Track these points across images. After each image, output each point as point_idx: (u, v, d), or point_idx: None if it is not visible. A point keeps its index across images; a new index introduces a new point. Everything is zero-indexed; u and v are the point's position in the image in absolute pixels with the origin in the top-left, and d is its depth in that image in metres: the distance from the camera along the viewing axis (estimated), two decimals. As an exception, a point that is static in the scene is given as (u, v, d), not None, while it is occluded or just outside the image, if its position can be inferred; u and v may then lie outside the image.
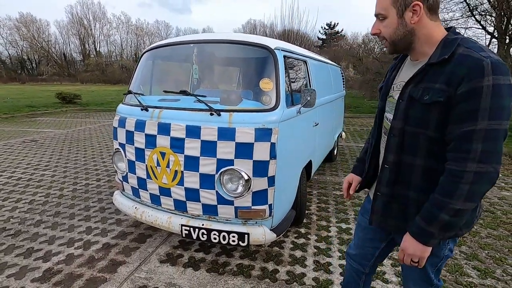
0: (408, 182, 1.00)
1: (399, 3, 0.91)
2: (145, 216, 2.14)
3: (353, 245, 1.34)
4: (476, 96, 0.81)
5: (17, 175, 4.03)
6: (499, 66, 0.81)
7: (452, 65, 0.86)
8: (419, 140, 0.95)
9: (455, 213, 0.87)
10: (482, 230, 2.67)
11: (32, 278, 1.98)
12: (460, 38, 0.90)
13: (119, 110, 2.34)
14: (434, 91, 0.88)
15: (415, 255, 0.95)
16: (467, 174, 0.83)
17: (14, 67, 46.61)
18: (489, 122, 0.81)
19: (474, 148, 0.83)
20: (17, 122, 9.11)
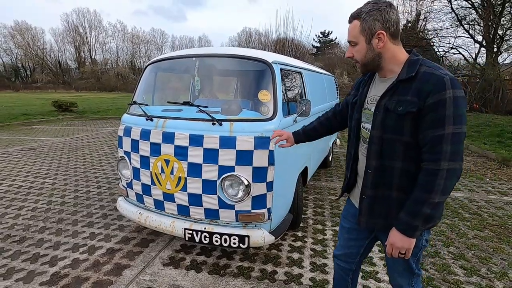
0: (390, 183, 1.13)
1: (366, 32, 1.09)
2: (149, 221, 2.24)
3: (339, 246, 1.47)
4: (442, 106, 0.98)
5: (18, 183, 4.09)
6: (455, 81, 1.00)
7: (418, 81, 1.04)
8: (396, 146, 1.10)
9: (434, 206, 1.02)
10: (470, 231, 2.81)
11: (40, 282, 2.05)
12: (421, 59, 1.09)
13: (124, 120, 2.46)
14: (407, 103, 1.04)
15: (403, 248, 1.09)
16: (441, 171, 0.99)
17: (8, 74, 46.34)
18: (454, 127, 0.98)
19: (444, 149, 0.99)
20: (13, 130, 9.12)
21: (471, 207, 3.39)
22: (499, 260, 2.35)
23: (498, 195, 3.81)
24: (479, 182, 4.32)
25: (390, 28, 1.08)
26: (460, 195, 3.79)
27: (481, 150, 6.11)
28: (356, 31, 1.11)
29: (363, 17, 1.09)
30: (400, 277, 1.28)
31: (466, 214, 3.21)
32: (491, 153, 5.79)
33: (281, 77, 2.25)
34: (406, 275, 1.27)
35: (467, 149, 6.52)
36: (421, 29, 16.97)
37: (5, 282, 2.04)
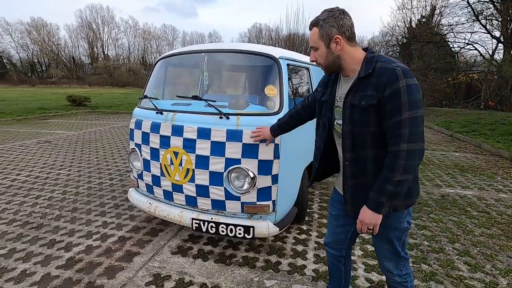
0: (366, 172, 1.24)
1: (325, 38, 1.21)
2: (159, 210, 2.33)
3: (328, 234, 1.57)
4: (397, 95, 1.10)
5: (35, 174, 4.27)
6: (407, 71, 1.11)
7: (375, 77, 1.15)
8: (366, 137, 1.21)
9: (396, 183, 1.13)
10: (476, 229, 2.80)
11: (57, 265, 2.17)
12: (376, 55, 1.19)
13: (135, 113, 2.54)
14: (368, 97, 1.16)
15: (371, 223, 1.21)
16: (402, 152, 1.11)
17: (24, 70, 47.70)
18: (409, 112, 1.09)
19: (403, 132, 1.10)
20: (30, 123, 9.44)
21: (480, 205, 3.35)
22: (505, 258, 2.34)
23: (509, 193, 3.75)
24: (490, 180, 4.25)
25: (345, 32, 1.20)
26: (469, 193, 3.75)
27: (494, 149, 5.98)
28: (316, 37, 1.23)
29: (321, 24, 1.20)
30: (388, 262, 1.37)
31: (474, 212, 3.18)
32: (504, 152, 5.67)
33: (288, 72, 2.28)
34: (393, 259, 1.35)
35: (479, 147, 6.40)
36: (435, 24, 16.56)
37: (24, 265, 2.17)
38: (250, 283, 2.01)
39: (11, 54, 46.55)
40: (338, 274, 1.61)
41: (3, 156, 5.28)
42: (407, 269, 1.39)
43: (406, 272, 1.39)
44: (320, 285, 2.00)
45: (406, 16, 18.32)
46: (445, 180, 4.22)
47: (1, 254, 2.29)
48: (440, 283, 2.03)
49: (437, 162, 5.19)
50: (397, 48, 20.55)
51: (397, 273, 1.38)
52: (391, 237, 1.31)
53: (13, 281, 2.00)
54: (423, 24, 17.17)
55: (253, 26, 48.99)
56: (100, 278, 2.04)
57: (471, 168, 4.84)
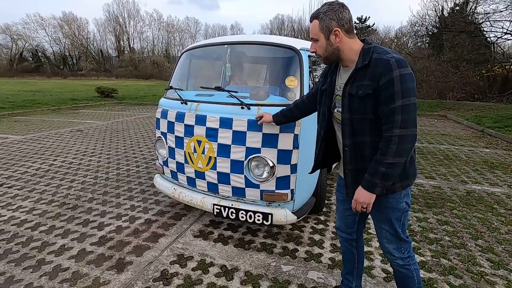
0: (364, 156, 1.31)
1: (325, 30, 1.27)
2: (182, 196, 2.47)
3: (338, 218, 1.64)
4: (391, 84, 1.16)
5: (69, 160, 4.60)
6: (401, 61, 1.17)
7: (371, 67, 1.21)
8: (364, 124, 1.28)
9: (388, 165, 1.20)
10: (503, 227, 2.71)
11: (91, 242, 2.38)
12: (373, 46, 1.25)
13: (161, 103, 2.67)
14: (364, 87, 1.22)
15: (364, 202, 1.29)
16: (394, 137, 1.18)
17: (57, 63, 50.35)
18: (402, 100, 1.16)
19: (396, 119, 1.17)
20: (63, 113, 10.05)
21: (508, 203, 3.22)
22: (532, 257, 2.26)
23: (542, 192, 3.56)
24: (522, 178, 4.04)
25: (344, 25, 1.26)
26: (498, 190, 3.60)
27: (529, 145, 5.63)
28: (316, 29, 1.29)
29: (321, 17, 1.26)
30: (389, 244, 1.42)
31: (502, 209, 3.06)
32: (540, 149, 5.32)
33: (309, 64, 2.30)
34: (394, 241, 1.40)
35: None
36: (470, 12, 15.53)
37: (63, 240, 2.39)
38: (268, 267, 2.10)
39: (45, 47, 49.30)
40: (351, 257, 1.66)
41: (41, 143, 5.71)
42: (409, 252, 1.43)
43: (408, 255, 1.43)
44: (335, 273, 2.05)
45: (438, 4, 17.30)
46: (471, 177, 4.06)
47: (43, 230, 2.54)
48: (460, 277, 2.01)
49: (465, 158, 4.99)
50: (427, 39, 19.53)
51: (398, 255, 1.42)
52: (391, 217, 1.36)
53: (54, 254, 2.22)
54: (456, 13, 16.14)
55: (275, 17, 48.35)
56: (129, 255, 2.21)
57: (502, 165, 4.61)
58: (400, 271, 1.46)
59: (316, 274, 2.04)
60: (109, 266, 2.09)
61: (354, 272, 1.70)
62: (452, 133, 7.29)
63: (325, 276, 2.02)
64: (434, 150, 5.55)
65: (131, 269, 2.05)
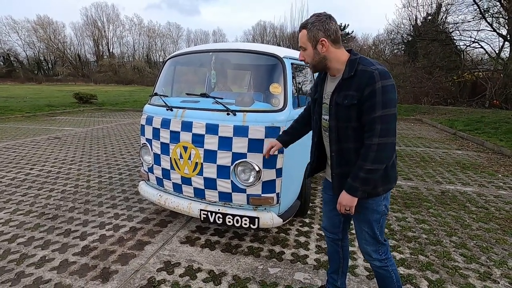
0: (349, 161, 1.39)
1: (312, 40, 1.33)
2: (168, 202, 2.46)
3: (324, 218, 1.73)
4: (374, 95, 1.23)
5: (47, 168, 4.43)
6: (383, 73, 1.24)
7: (357, 78, 1.28)
8: (348, 131, 1.35)
9: (367, 171, 1.28)
10: (474, 223, 2.89)
11: (73, 252, 2.31)
12: (359, 57, 1.32)
13: (146, 110, 2.67)
14: (350, 96, 1.29)
15: (347, 205, 1.36)
16: (373, 145, 1.25)
17: (31, 67, 48.26)
18: (383, 110, 1.23)
19: (376, 128, 1.24)
20: (38, 120, 9.65)
21: (479, 201, 3.43)
22: (501, 250, 2.43)
23: (509, 190, 3.82)
24: (491, 177, 4.31)
25: (330, 36, 1.32)
26: (469, 189, 3.82)
27: (496, 147, 6.02)
28: (304, 38, 1.35)
29: (309, 27, 1.32)
30: (367, 245, 1.50)
31: (473, 207, 3.26)
32: (506, 150, 5.71)
33: (292, 71, 2.39)
34: (372, 243, 1.48)
35: (482, 146, 6.44)
36: (441, 22, 16.45)
37: (43, 252, 2.31)
38: (255, 270, 2.13)
39: (17, 52, 47.19)
40: (337, 256, 1.74)
41: (16, 151, 5.47)
42: (387, 254, 1.51)
43: (385, 256, 1.50)
44: (321, 273, 2.11)
45: (412, 13, 18.27)
46: (446, 177, 4.30)
47: (21, 242, 2.44)
48: (436, 272, 2.13)
49: (439, 160, 5.26)
50: (402, 46, 20.45)
51: (376, 257, 1.49)
52: (370, 219, 1.44)
53: (34, 266, 2.14)
54: (428, 22, 17.07)
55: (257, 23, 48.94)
56: (114, 264, 2.17)
57: (473, 166, 4.90)
58: (378, 272, 1.55)
59: (302, 275, 2.09)
60: (93, 276, 2.04)
61: (339, 271, 1.78)
62: (428, 136, 7.66)
63: (311, 276, 2.08)
64: (411, 152, 5.81)
65: (116, 278, 2.02)
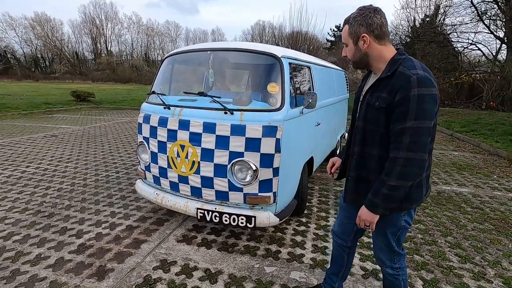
0: (369, 167, 1.31)
1: (353, 36, 1.26)
2: (165, 201, 2.46)
3: (337, 224, 1.66)
4: (406, 102, 1.11)
5: (44, 166, 4.41)
6: (423, 81, 1.11)
7: (393, 80, 1.18)
8: (375, 135, 1.27)
9: (391, 188, 1.17)
10: (469, 224, 2.91)
11: (69, 250, 2.31)
12: (403, 58, 1.21)
13: (143, 108, 2.66)
14: (381, 99, 1.20)
15: (367, 220, 1.27)
16: (399, 159, 1.14)
17: (28, 65, 47.90)
18: (415, 121, 1.11)
19: (404, 140, 1.13)
20: (35, 118, 9.59)
21: (474, 202, 3.46)
22: (495, 250, 2.45)
23: (504, 191, 3.85)
24: (486, 178, 4.35)
25: (374, 31, 1.22)
26: (465, 190, 3.85)
27: (492, 148, 6.06)
28: (346, 34, 1.29)
29: (351, 22, 1.25)
30: (381, 253, 1.45)
31: (468, 208, 3.29)
32: (502, 151, 5.75)
33: (290, 71, 2.39)
34: (387, 252, 1.42)
35: (478, 147, 6.48)
36: (439, 24, 16.53)
37: (39, 249, 2.31)
38: (251, 269, 2.14)
39: (15, 49, 46.79)
40: (341, 261, 1.69)
41: (12, 149, 5.43)
42: (401, 263, 1.45)
43: (399, 266, 1.44)
44: (317, 272, 2.12)
45: (410, 15, 18.30)
46: (442, 178, 4.32)
47: (17, 240, 2.43)
48: (431, 272, 2.15)
49: (436, 161, 5.29)
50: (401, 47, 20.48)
51: (389, 265, 1.44)
52: (387, 232, 1.36)
53: (29, 263, 2.14)
54: (426, 24, 17.15)
55: (256, 23, 48.90)
56: (110, 262, 2.17)
57: (469, 167, 4.94)
58: (389, 279, 1.49)
59: (298, 274, 2.10)
60: (89, 274, 2.04)
61: (340, 274, 1.73)
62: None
63: (307, 275, 2.08)
64: (408, 153, 5.83)
65: (112, 276, 2.02)
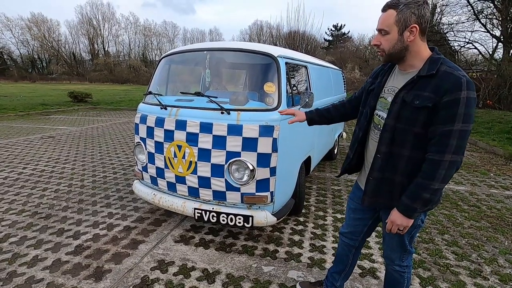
0: (396, 168, 1.24)
1: (401, 24, 1.14)
2: (163, 201, 2.45)
3: (346, 225, 1.63)
4: (455, 105, 1.08)
5: (41, 168, 4.39)
6: (470, 83, 1.09)
7: (438, 79, 1.12)
8: (407, 136, 1.19)
9: (433, 191, 1.14)
10: (466, 222, 2.92)
11: (66, 251, 2.30)
12: (442, 58, 1.17)
13: (140, 109, 2.66)
14: (424, 97, 1.13)
15: (401, 225, 1.22)
16: (444, 162, 1.11)
17: (25, 66, 47.67)
18: (462, 124, 1.08)
19: (451, 143, 1.09)
20: (32, 119, 9.55)
21: (471, 200, 3.48)
22: (491, 248, 2.46)
23: (500, 189, 3.87)
24: (483, 177, 4.37)
25: (422, 23, 1.14)
26: (462, 188, 3.87)
27: (489, 147, 6.10)
28: (390, 20, 1.15)
29: (401, 8, 1.13)
30: (392, 252, 1.43)
31: (465, 206, 3.31)
32: (499, 149, 5.78)
33: (286, 70, 2.40)
34: (398, 251, 1.41)
35: (475, 145, 6.51)
36: (436, 23, 16.60)
37: (36, 251, 2.30)
38: (249, 268, 2.14)
39: (11, 50, 46.54)
40: (346, 261, 1.68)
41: (9, 150, 5.41)
42: (409, 261, 1.45)
43: (407, 264, 1.44)
44: (314, 271, 2.12)
45: (407, 14, 18.35)
46: (439, 176, 4.33)
47: (14, 241, 2.42)
48: (428, 270, 2.16)
49: (433, 159, 5.30)
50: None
51: (398, 263, 1.43)
52: None
53: (26, 265, 2.13)
54: (423, 23, 17.18)
55: (254, 23, 48.93)
56: (107, 263, 2.17)
57: (465, 165, 4.96)
58: (393, 275, 1.48)
59: (296, 273, 2.10)
60: (86, 275, 2.03)
61: (342, 273, 1.72)
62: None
63: (304, 274, 2.09)
64: (405, 152, 5.85)
65: (110, 277, 2.01)
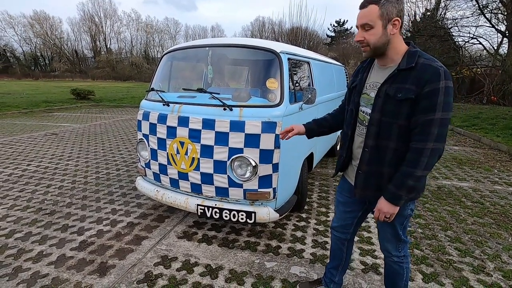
0: (383, 160, 1.28)
1: (384, 17, 1.18)
2: (165, 197, 2.46)
3: (336, 219, 1.66)
4: (435, 94, 1.12)
5: (44, 164, 4.42)
6: (447, 73, 1.14)
7: (417, 71, 1.16)
8: (392, 128, 1.23)
9: (417, 179, 1.19)
10: (469, 218, 2.91)
11: (71, 247, 2.32)
12: (419, 51, 1.21)
13: (142, 105, 2.66)
14: (406, 90, 1.17)
15: (388, 213, 1.27)
16: (426, 150, 1.15)
17: (28, 63, 47.86)
18: (442, 113, 1.13)
19: (432, 131, 1.14)
20: (36, 116, 9.60)
21: (474, 196, 3.46)
22: (494, 244, 2.46)
23: (504, 185, 3.85)
24: (487, 173, 4.34)
25: (402, 17, 1.19)
26: (465, 184, 3.85)
27: (493, 143, 6.05)
28: (373, 15, 1.18)
29: (382, 3, 1.16)
30: (388, 243, 1.47)
31: (468, 202, 3.29)
32: (503, 146, 5.74)
33: (289, 66, 2.38)
34: (394, 241, 1.45)
35: (479, 141, 6.47)
36: (440, 18, 16.41)
37: (40, 247, 2.32)
38: (252, 264, 2.15)
39: (14, 47, 46.76)
40: (340, 254, 1.72)
41: (13, 147, 5.45)
42: (405, 251, 1.48)
43: (404, 254, 1.48)
44: (317, 267, 2.13)
45: (411, 9, 18.16)
46: (442, 173, 4.32)
47: (19, 237, 2.45)
48: (431, 266, 2.16)
49: (436, 156, 5.28)
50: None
51: (395, 254, 1.47)
52: (394, 222, 1.37)
53: (31, 261, 2.15)
54: (427, 18, 17.02)
55: (256, 19, 48.66)
56: (111, 259, 2.18)
57: (469, 161, 4.93)
58: (392, 267, 1.51)
59: (298, 269, 2.11)
60: (91, 270, 2.05)
61: (339, 267, 1.76)
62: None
63: (307, 270, 2.09)
64: (408, 148, 5.82)
65: (114, 273, 2.03)
